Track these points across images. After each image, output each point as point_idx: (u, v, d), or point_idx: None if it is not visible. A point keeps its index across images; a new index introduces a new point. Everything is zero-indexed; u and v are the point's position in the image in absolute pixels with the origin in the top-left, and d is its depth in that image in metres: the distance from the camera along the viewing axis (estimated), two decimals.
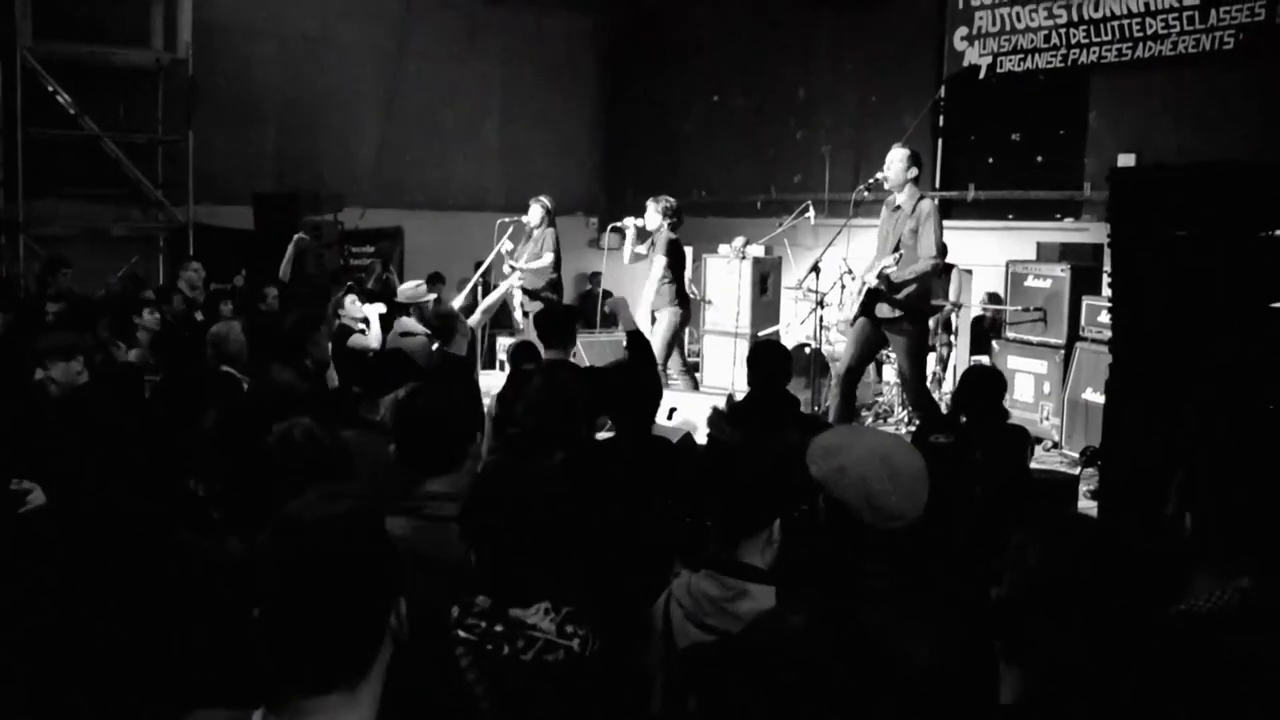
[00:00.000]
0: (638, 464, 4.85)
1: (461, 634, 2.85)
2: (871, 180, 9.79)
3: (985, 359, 11.06)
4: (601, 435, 5.64)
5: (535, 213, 11.39)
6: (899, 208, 8.92)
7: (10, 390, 5.82)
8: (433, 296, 10.64)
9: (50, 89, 13.30)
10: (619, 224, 10.75)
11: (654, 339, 10.36)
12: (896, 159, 8.90)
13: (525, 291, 11.23)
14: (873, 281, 8.81)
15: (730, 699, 2.74)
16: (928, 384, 9.45)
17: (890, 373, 11.15)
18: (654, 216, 10.65)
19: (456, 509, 3.29)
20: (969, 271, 11.45)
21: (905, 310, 8.77)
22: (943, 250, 9.17)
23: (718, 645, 2.98)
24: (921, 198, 8.92)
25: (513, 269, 11.23)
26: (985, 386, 6.38)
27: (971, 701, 2.63)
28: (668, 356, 10.49)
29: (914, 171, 8.89)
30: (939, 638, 2.84)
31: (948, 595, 3.07)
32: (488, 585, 2.91)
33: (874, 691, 2.59)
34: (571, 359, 7.38)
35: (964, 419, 6.39)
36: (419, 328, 9.51)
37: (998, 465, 5.78)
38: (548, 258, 11.18)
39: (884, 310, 8.81)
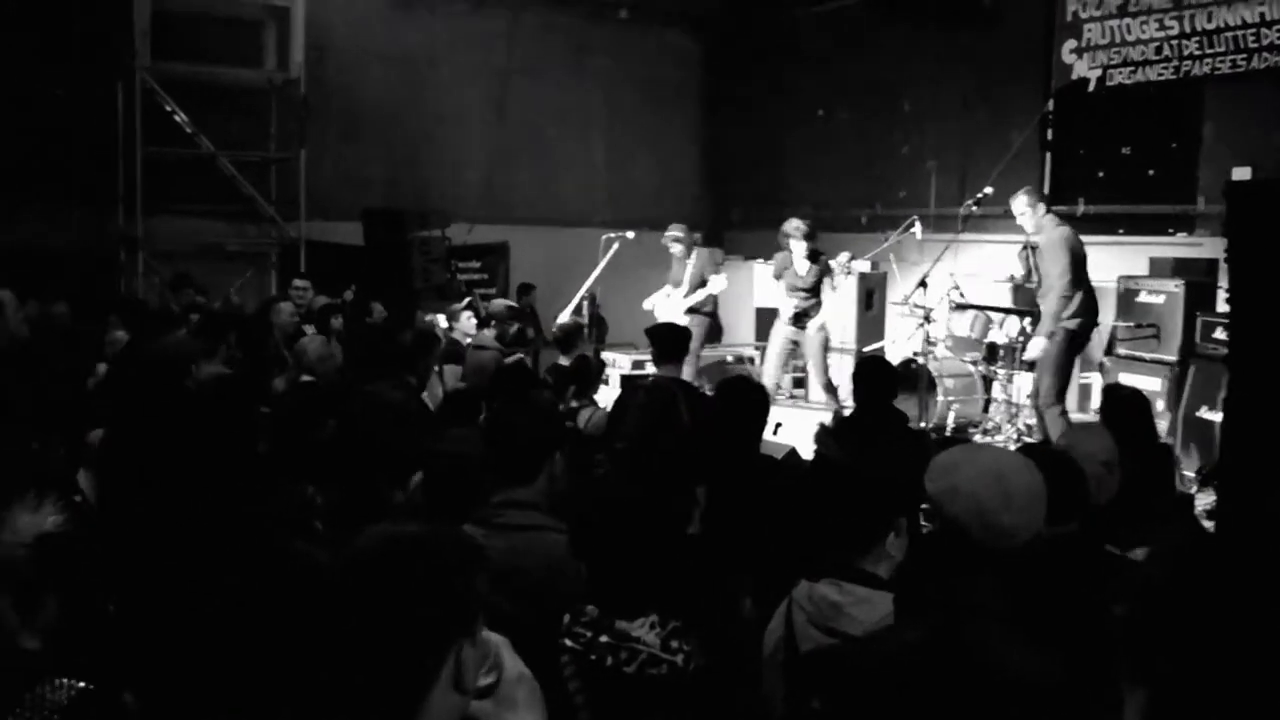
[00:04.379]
0: (746, 480, 4.88)
1: (568, 643, 2.88)
2: (980, 195, 9.74)
3: (1096, 375, 10.90)
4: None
5: (677, 249, 11.52)
6: None
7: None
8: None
9: (168, 109, 13.64)
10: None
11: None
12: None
13: (689, 310, 11.41)
14: None
15: (850, 706, 2.76)
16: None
17: (998, 389, 11.04)
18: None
19: (529, 518, 3.35)
20: None
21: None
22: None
23: (840, 650, 3.01)
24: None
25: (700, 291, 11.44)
26: (1133, 407, 6.21)
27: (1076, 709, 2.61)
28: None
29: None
30: (1053, 658, 2.83)
31: (1068, 614, 3.05)
32: (597, 596, 2.94)
33: (986, 711, 2.58)
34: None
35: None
36: (492, 342, 9.63)
37: (1153, 486, 5.68)
38: (715, 281, 11.37)
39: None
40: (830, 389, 10.79)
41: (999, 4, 13.86)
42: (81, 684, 2.80)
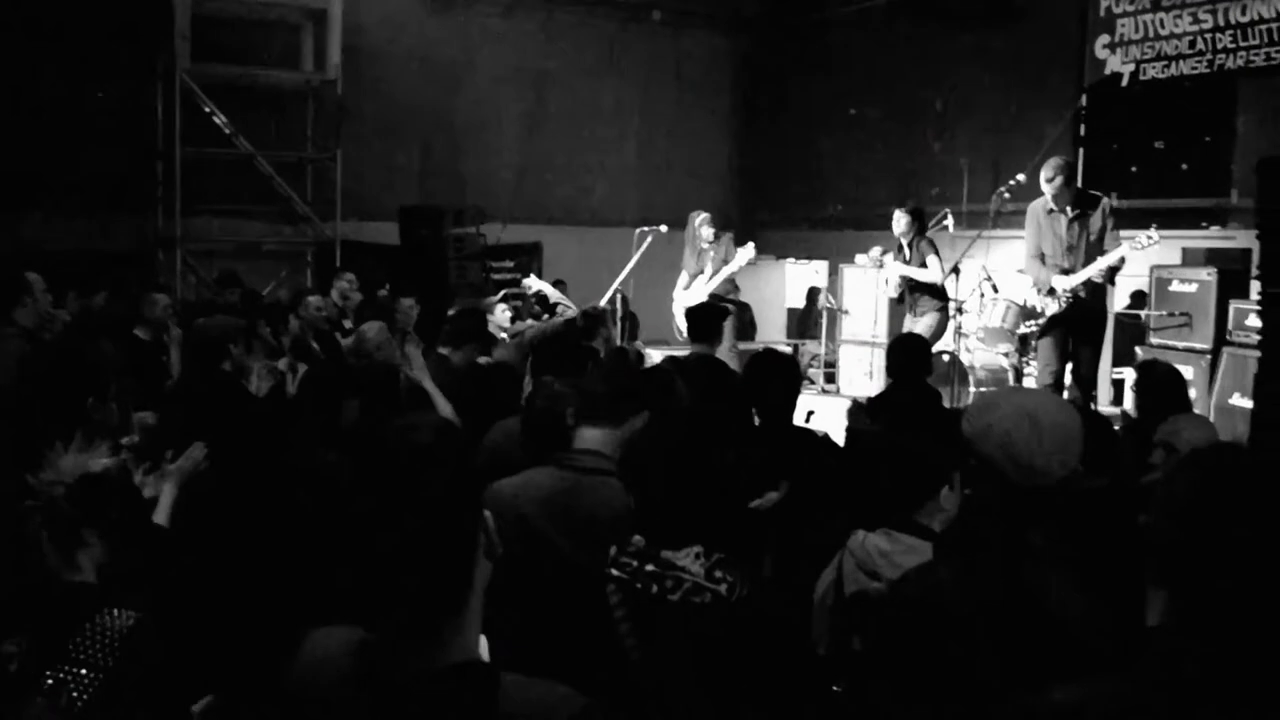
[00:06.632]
0: (783, 449, 4.94)
1: (614, 572, 2.95)
2: (1012, 182, 9.75)
3: (1129, 370, 10.87)
4: None
5: (707, 231, 11.46)
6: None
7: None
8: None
9: (207, 110, 13.83)
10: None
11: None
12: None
13: (712, 296, 11.40)
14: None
15: (888, 641, 2.82)
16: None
17: (1031, 381, 11.03)
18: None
19: (597, 463, 3.43)
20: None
21: None
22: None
23: (880, 593, 3.07)
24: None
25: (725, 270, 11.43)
26: (1170, 385, 6.06)
27: (1110, 643, 2.66)
28: None
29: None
30: (1084, 591, 2.88)
31: (1101, 551, 3.10)
32: (644, 527, 3.01)
33: (1018, 639, 2.64)
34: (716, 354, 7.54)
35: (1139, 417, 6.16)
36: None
37: None
38: (742, 253, 11.31)
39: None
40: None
41: (1032, 0, 13.89)
42: (138, 614, 2.90)
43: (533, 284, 11.42)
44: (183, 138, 13.70)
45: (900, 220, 10.80)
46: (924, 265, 10.70)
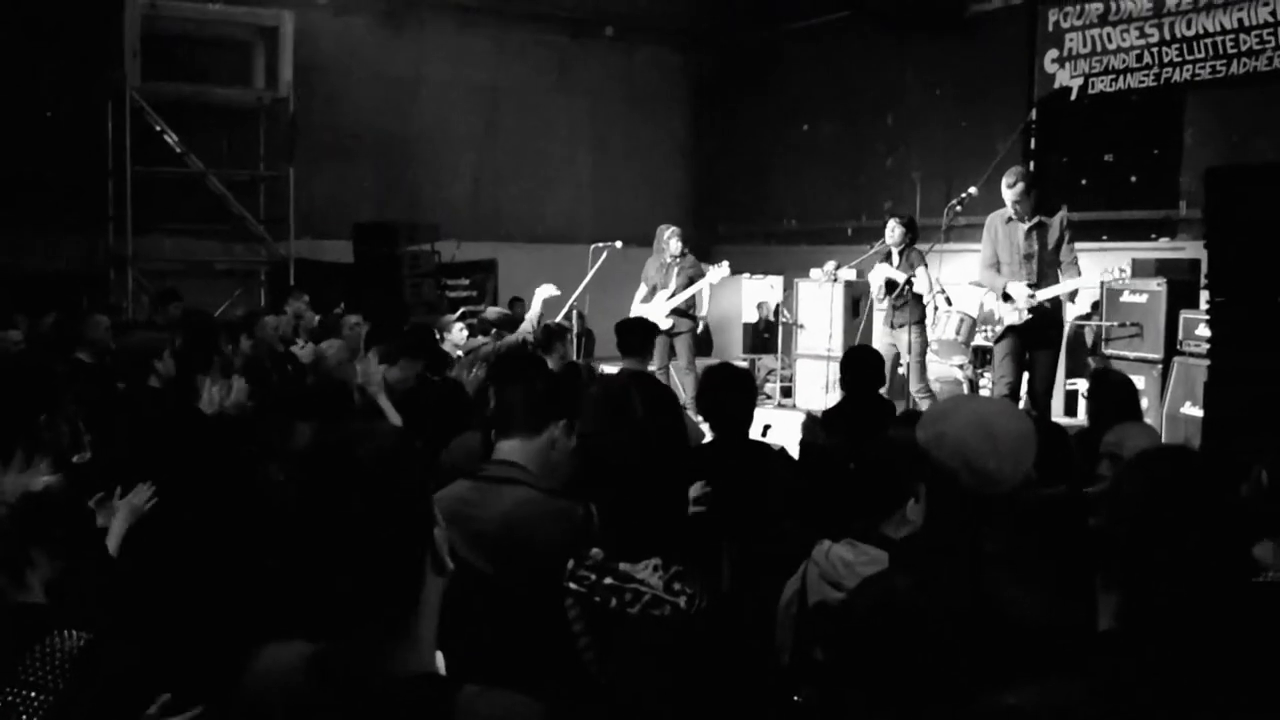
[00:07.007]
0: (739, 464, 4.95)
1: (572, 585, 2.93)
2: (964, 195, 9.80)
3: (1082, 381, 10.95)
4: None
5: (675, 245, 11.55)
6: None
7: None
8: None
9: (158, 128, 13.73)
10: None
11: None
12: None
13: (674, 311, 11.43)
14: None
15: (845, 649, 2.82)
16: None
17: (985, 394, 11.08)
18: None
19: (507, 472, 3.42)
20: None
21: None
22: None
23: (841, 603, 3.07)
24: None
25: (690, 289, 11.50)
26: (1123, 393, 6.10)
27: (1068, 647, 2.68)
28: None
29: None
30: (1040, 596, 2.89)
31: (1054, 551, 3.11)
32: (604, 539, 3.00)
33: (976, 646, 2.65)
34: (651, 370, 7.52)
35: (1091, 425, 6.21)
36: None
37: None
38: (713, 271, 11.53)
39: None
40: (927, 393, 10.42)
41: (981, 16, 14.02)
42: (89, 635, 2.86)
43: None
44: (134, 156, 13.59)
45: (895, 230, 10.86)
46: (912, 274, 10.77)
